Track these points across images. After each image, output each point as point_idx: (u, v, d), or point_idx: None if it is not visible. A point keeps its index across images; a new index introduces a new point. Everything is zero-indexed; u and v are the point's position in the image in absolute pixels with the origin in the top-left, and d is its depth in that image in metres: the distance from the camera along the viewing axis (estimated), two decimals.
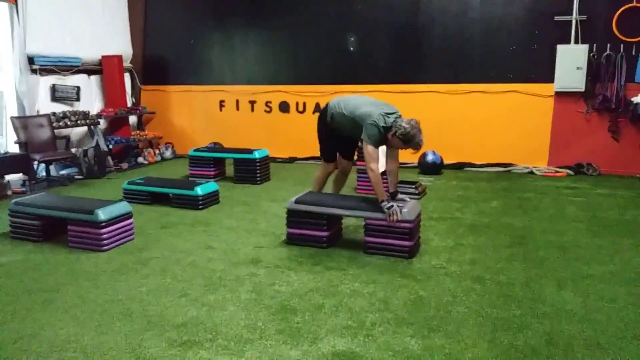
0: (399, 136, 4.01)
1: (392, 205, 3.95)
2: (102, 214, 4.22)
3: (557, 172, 7.30)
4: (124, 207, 4.45)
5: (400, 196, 4.30)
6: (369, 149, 4.09)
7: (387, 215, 3.94)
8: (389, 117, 4.09)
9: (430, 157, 7.39)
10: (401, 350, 2.71)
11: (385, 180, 4.46)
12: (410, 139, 4.01)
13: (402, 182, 6.26)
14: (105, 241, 4.24)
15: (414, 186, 6.04)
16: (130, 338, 2.86)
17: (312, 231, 4.28)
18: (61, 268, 3.91)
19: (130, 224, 4.52)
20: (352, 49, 8.28)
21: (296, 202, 4.33)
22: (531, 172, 7.41)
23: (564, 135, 7.40)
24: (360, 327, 2.97)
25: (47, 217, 4.44)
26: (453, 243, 4.42)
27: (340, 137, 4.64)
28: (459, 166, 7.81)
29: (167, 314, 3.14)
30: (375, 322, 3.02)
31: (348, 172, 4.94)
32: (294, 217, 4.35)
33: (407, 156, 7.37)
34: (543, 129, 7.48)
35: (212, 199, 5.71)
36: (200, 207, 5.53)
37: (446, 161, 7.67)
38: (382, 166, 5.97)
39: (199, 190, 5.55)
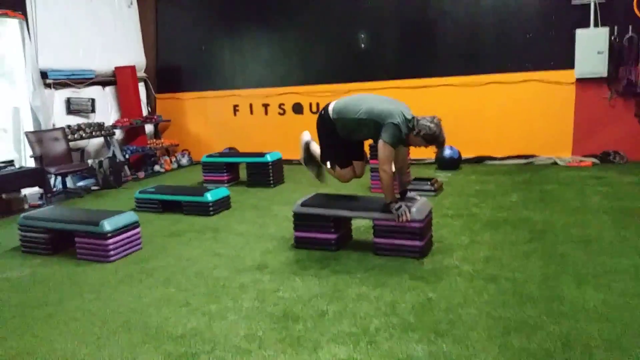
0: (424, 136, 3.76)
1: (401, 206, 3.78)
2: (108, 225, 4.18)
3: (581, 161, 6.99)
4: (130, 217, 4.40)
5: (409, 194, 4.13)
6: (387, 150, 3.79)
7: (396, 217, 3.78)
8: (409, 117, 3.86)
9: (447, 152, 7.18)
10: (405, 358, 2.57)
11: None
12: (436, 138, 3.79)
13: (417, 178, 6.10)
14: (111, 252, 4.20)
15: (429, 183, 5.85)
16: (126, 352, 2.79)
17: (320, 234, 4.16)
18: (67, 281, 3.89)
19: (137, 233, 4.47)
20: (363, 45, 8.11)
21: (302, 205, 4.22)
22: (554, 163, 7.12)
23: (588, 123, 7.08)
24: (364, 333, 2.83)
25: (55, 230, 4.44)
26: (468, 240, 4.23)
27: (348, 142, 4.27)
28: (478, 160, 7.57)
29: (166, 326, 3.06)
30: (379, 327, 2.88)
31: (362, 174, 4.50)
32: (301, 221, 4.23)
33: (424, 152, 7.22)
34: (565, 118, 7.18)
35: (222, 204, 5.64)
36: (211, 213, 5.47)
37: (465, 155, 7.45)
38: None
39: (209, 197, 5.49)
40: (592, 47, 6.77)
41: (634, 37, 6.64)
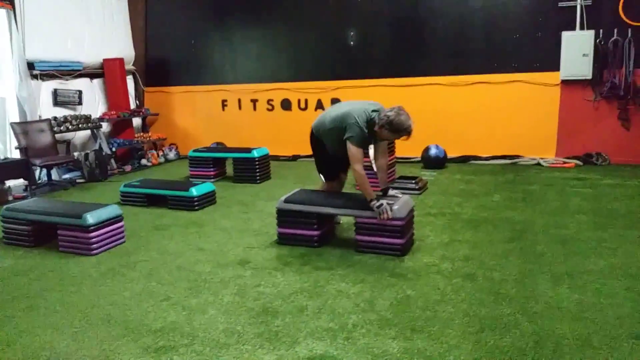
0: (386, 127, 3.81)
1: (382, 204, 3.83)
2: (90, 218, 4.18)
3: (565, 162, 7.08)
4: (113, 210, 4.40)
5: (391, 192, 4.17)
6: (352, 149, 3.91)
7: (377, 215, 3.82)
8: (372, 113, 3.92)
9: (433, 151, 7.24)
10: (380, 354, 2.61)
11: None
12: (399, 127, 3.80)
13: (402, 177, 6.15)
14: (94, 245, 4.20)
15: (413, 181, 5.90)
16: (105, 345, 2.80)
17: (302, 230, 4.19)
18: (49, 273, 3.88)
19: (121, 227, 4.48)
20: (352, 43, 8.14)
21: (285, 201, 4.25)
22: (538, 164, 7.21)
23: (572, 125, 7.17)
24: (341, 329, 2.87)
25: (38, 222, 4.43)
26: (448, 239, 4.28)
27: (336, 157, 4.34)
28: (464, 159, 7.64)
29: (146, 319, 3.08)
30: (357, 323, 2.92)
31: (344, 184, 4.69)
32: (284, 217, 4.26)
33: (411, 151, 7.30)
34: (550, 119, 7.27)
35: (208, 199, 5.65)
36: (196, 207, 5.48)
37: (451, 155, 7.51)
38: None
39: (194, 191, 5.50)
40: (577, 49, 6.86)
41: (619, 40, 6.73)
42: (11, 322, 3.12)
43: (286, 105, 8.66)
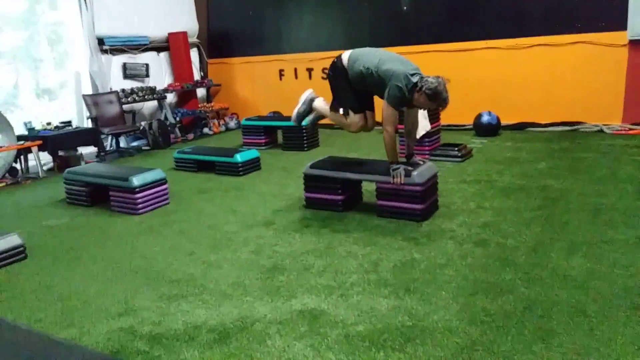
0: (425, 91, 3.72)
1: (399, 167, 3.87)
2: (136, 180, 4.57)
3: (631, 129, 6.61)
4: (157, 174, 4.77)
5: (415, 159, 4.18)
6: (389, 110, 3.91)
7: (392, 177, 3.87)
8: (413, 77, 3.89)
9: (485, 118, 7.02)
10: (368, 310, 2.72)
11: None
12: (438, 95, 3.74)
13: (445, 144, 6.07)
14: (139, 205, 4.60)
15: (456, 149, 5.80)
16: (128, 291, 3.14)
17: (327, 195, 4.32)
18: (97, 230, 4.33)
19: (165, 189, 4.85)
20: (405, 8, 7.99)
21: (311, 166, 4.40)
22: (601, 131, 6.78)
23: None
24: (339, 287, 3.01)
25: (92, 184, 4.90)
26: (475, 206, 4.23)
27: (360, 91, 4.23)
28: (521, 126, 7.34)
29: (168, 271, 3.39)
30: (355, 282, 3.04)
31: (373, 125, 4.37)
32: (310, 182, 4.42)
33: (463, 118, 7.16)
34: (616, 83, 6.76)
35: (252, 165, 5.92)
36: (240, 173, 5.77)
37: (507, 121, 7.25)
38: (423, 128, 5.82)
39: (239, 158, 5.78)
40: None
41: None
42: (57, 269, 3.56)
43: None
